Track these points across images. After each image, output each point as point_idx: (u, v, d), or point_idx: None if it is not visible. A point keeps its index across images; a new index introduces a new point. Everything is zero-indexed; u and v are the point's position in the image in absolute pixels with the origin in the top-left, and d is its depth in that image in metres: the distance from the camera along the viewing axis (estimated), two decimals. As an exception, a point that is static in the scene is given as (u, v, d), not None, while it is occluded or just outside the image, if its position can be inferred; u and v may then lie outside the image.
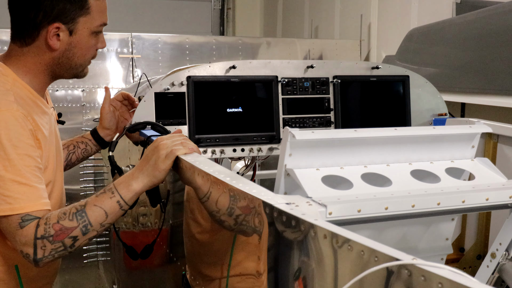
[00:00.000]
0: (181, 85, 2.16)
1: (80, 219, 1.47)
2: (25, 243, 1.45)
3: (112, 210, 1.50)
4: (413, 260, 0.77)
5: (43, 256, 1.46)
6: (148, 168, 1.52)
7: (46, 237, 1.44)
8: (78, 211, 1.48)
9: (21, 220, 1.44)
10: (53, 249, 1.46)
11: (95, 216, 1.48)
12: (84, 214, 1.47)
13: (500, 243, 1.67)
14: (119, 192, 1.51)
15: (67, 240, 1.46)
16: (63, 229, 1.45)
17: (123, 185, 1.52)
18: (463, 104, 3.90)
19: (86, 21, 1.62)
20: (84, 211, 1.48)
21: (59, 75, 1.72)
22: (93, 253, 4.48)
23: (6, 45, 4.74)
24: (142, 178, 1.52)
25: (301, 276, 1.04)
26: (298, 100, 2.35)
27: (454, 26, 4.00)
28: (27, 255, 1.46)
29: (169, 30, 8.68)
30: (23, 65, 1.64)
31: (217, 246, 1.63)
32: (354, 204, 1.34)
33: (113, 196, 1.51)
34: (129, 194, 1.52)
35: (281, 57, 6.00)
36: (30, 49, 1.62)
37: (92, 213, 1.48)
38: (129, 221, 2.55)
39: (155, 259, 2.20)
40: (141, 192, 1.54)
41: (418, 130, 1.74)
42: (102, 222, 1.50)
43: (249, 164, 2.48)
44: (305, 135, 1.52)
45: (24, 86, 1.62)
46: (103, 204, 1.50)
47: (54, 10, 1.57)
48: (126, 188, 1.51)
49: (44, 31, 1.59)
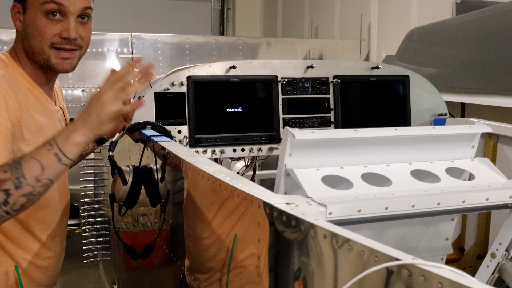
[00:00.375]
0: (181, 85, 2.16)
1: (14, 171, 1.35)
2: None
3: (49, 163, 1.39)
4: (413, 260, 0.77)
5: None
6: (92, 121, 1.42)
7: None
8: (14, 162, 1.37)
9: None
10: None
11: (29, 167, 1.36)
12: (18, 166, 1.36)
13: (500, 243, 1.67)
14: (58, 144, 1.40)
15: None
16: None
17: (62, 137, 1.41)
18: (463, 104, 3.90)
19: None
20: (19, 163, 1.37)
21: (36, 61, 1.67)
22: (93, 253, 4.48)
23: (6, 45, 4.76)
24: (85, 130, 1.42)
25: (301, 276, 1.04)
26: (298, 100, 2.35)
27: (454, 26, 4.00)
28: None
29: (169, 30, 8.67)
30: (18, 53, 1.68)
31: (216, 246, 1.63)
32: (354, 204, 1.34)
33: (51, 148, 1.39)
34: (68, 147, 1.40)
35: (281, 57, 5.99)
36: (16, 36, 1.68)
37: (27, 164, 1.37)
38: (129, 221, 2.55)
39: (155, 259, 2.19)
40: (82, 145, 1.44)
41: (418, 130, 1.74)
42: (37, 176, 1.37)
43: (249, 164, 2.48)
44: (305, 135, 1.52)
45: (24, 76, 1.64)
46: (39, 156, 1.38)
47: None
48: (65, 140, 1.41)
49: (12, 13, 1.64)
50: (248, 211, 1.23)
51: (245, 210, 1.25)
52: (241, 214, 1.30)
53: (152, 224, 2.19)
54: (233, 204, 1.31)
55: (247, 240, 1.30)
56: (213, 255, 1.59)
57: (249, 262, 1.30)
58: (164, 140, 1.86)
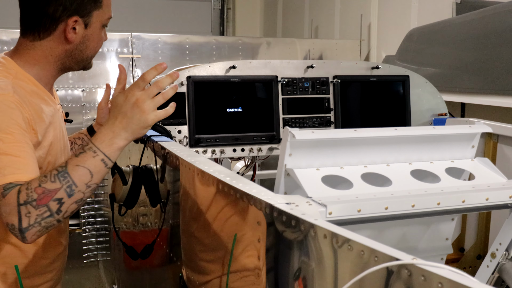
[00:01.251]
0: (181, 85, 2.16)
1: (63, 180, 1.40)
2: (10, 212, 1.37)
3: (97, 169, 1.46)
4: (413, 260, 0.77)
5: (28, 225, 1.37)
6: (133, 126, 1.51)
7: (29, 202, 1.37)
8: (59, 172, 1.42)
9: (3, 189, 1.38)
10: (38, 215, 1.38)
11: (79, 176, 1.42)
12: (66, 175, 1.41)
13: (500, 243, 1.67)
14: (102, 150, 1.47)
15: (52, 203, 1.39)
16: (46, 191, 1.38)
17: (105, 144, 1.48)
18: (463, 104, 3.91)
19: (98, 14, 1.69)
20: (66, 172, 1.42)
21: (68, 67, 1.76)
22: (93, 253, 4.48)
23: (6, 45, 4.76)
24: (126, 135, 1.51)
25: (301, 276, 1.04)
26: (298, 100, 2.35)
27: (454, 26, 4.00)
28: (13, 227, 1.38)
29: (169, 30, 8.68)
30: (33, 57, 1.68)
31: (216, 246, 1.63)
32: (354, 204, 1.34)
33: (96, 155, 1.46)
34: (113, 151, 1.49)
35: (281, 57, 5.99)
36: (43, 43, 1.67)
37: (76, 173, 1.42)
38: (129, 221, 2.55)
39: (155, 259, 2.19)
40: (123, 149, 1.53)
41: (418, 130, 1.74)
42: (87, 182, 1.44)
43: (249, 164, 2.48)
44: (305, 135, 1.52)
45: (29, 78, 1.66)
46: (86, 163, 1.44)
47: (73, 4, 1.64)
48: (109, 146, 1.48)
49: (62, 25, 1.65)
50: (248, 211, 1.23)
51: (245, 210, 1.25)
52: (241, 214, 1.30)
53: (152, 224, 2.19)
54: (233, 204, 1.31)
55: (247, 240, 1.30)
56: (213, 255, 1.59)
57: (249, 262, 1.30)
58: (164, 140, 1.86)
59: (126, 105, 1.53)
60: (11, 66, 1.65)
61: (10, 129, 1.47)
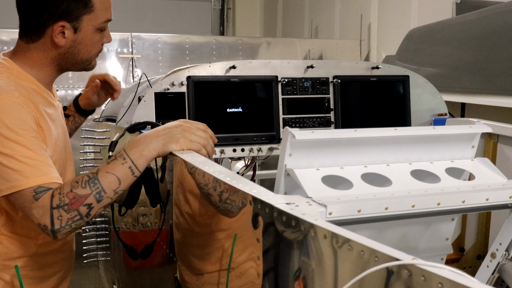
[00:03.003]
0: (181, 85, 2.16)
1: (93, 186, 1.48)
2: (42, 215, 1.45)
3: (124, 176, 1.51)
4: (413, 260, 0.77)
5: (60, 227, 1.46)
6: (165, 137, 1.55)
7: (61, 206, 1.45)
8: (90, 178, 1.49)
9: (35, 192, 1.46)
10: (69, 219, 1.46)
11: (108, 183, 1.49)
12: (96, 181, 1.49)
13: (500, 243, 1.66)
14: (131, 158, 1.52)
15: (82, 208, 1.47)
16: (77, 197, 1.46)
17: (134, 151, 1.53)
18: (463, 104, 3.91)
19: (90, 18, 1.67)
20: (96, 178, 1.49)
21: (66, 68, 1.77)
22: (93, 253, 4.47)
23: (6, 45, 4.76)
24: (156, 145, 1.54)
25: (301, 276, 1.04)
26: (298, 100, 2.35)
27: (454, 26, 4.00)
28: (45, 227, 1.47)
29: (169, 30, 8.68)
30: (30, 59, 1.69)
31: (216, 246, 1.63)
32: (354, 204, 1.34)
33: (125, 162, 1.52)
34: (141, 160, 1.53)
35: (281, 57, 5.99)
36: (36, 45, 1.68)
37: (105, 179, 1.49)
38: (129, 221, 2.55)
39: (155, 259, 2.19)
40: (152, 159, 1.56)
41: (418, 130, 1.74)
42: (115, 189, 1.51)
43: (249, 164, 2.48)
44: (305, 135, 1.52)
45: (29, 79, 1.67)
46: (115, 171, 1.51)
47: (58, 9, 1.61)
48: (138, 153, 1.53)
49: (49, 29, 1.64)
50: (248, 211, 1.23)
51: (245, 210, 1.25)
52: (241, 214, 1.30)
53: (152, 224, 2.19)
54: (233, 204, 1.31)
55: (247, 240, 1.30)
56: (213, 255, 1.59)
57: (249, 262, 1.30)
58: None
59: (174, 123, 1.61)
60: (13, 67, 1.66)
61: (23, 131, 1.50)
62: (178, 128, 1.59)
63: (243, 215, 1.28)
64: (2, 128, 1.47)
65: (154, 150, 1.55)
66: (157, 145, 1.55)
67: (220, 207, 1.41)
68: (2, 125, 1.47)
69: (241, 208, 1.26)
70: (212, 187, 1.39)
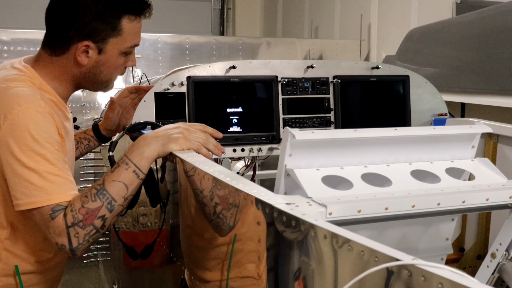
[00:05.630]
0: (181, 85, 2.16)
1: (103, 198, 1.49)
2: (59, 234, 1.46)
3: (130, 181, 1.52)
4: (413, 260, 0.77)
5: (78, 244, 1.48)
6: (165, 138, 1.56)
7: (76, 224, 1.45)
8: (98, 190, 1.49)
9: (52, 211, 1.46)
10: (86, 234, 1.48)
11: (116, 191, 1.50)
12: (105, 192, 1.49)
13: (500, 243, 1.66)
14: (133, 161, 1.53)
15: (97, 221, 1.48)
16: (89, 211, 1.46)
17: (135, 154, 1.53)
18: (463, 104, 3.90)
19: (116, 42, 1.65)
20: (104, 189, 1.49)
21: (84, 86, 1.76)
22: (93, 253, 4.48)
23: (6, 45, 4.75)
24: (156, 145, 1.54)
25: (301, 276, 1.04)
26: (298, 100, 2.34)
27: (454, 26, 4.00)
28: (63, 246, 1.47)
29: (169, 30, 8.66)
30: (51, 72, 1.68)
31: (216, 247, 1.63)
32: (354, 204, 1.34)
33: (128, 167, 1.52)
34: (143, 162, 1.53)
35: (281, 57, 5.99)
36: (59, 60, 1.67)
37: (113, 188, 1.50)
38: (129, 221, 2.55)
39: (155, 259, 2.20)
40: (153, 159, 1.56)
41: (418, 130, 1.74)
42: (124, 195, 1.51)
43: (249, 164, 2.48)
44: (305, 135, 1.52)
45: (50, 90, 1.67)
46: (120, 177, 1.51)
47: (86, 28, 1.60)
48: (139, 155, 1.53)
49: (74, 47, 1.64)
50: (248, 211, 1.23)
51: (245, 210, 1.25)
52: (241, 215, 1.30)
53: (152, 224, 2.19)
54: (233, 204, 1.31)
55: (247, 240, 1.30)
56: (213, 256, 1.59)
57: (249, 262, 1.30)
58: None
59: (173, 125, 1.62)
60: (34, 76, 1.65)
61: (48, 143, 1.50)
62: (176, 128, 1.60)
63: (243, 215, 1.28)
64: (28, 139, 1.46)
65: (154, 150, 1.55)
66: (157, 145, 1.55)
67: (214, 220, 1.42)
68: (28, 136, 1.46)
69: (241, 209, 1.26)
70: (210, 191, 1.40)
